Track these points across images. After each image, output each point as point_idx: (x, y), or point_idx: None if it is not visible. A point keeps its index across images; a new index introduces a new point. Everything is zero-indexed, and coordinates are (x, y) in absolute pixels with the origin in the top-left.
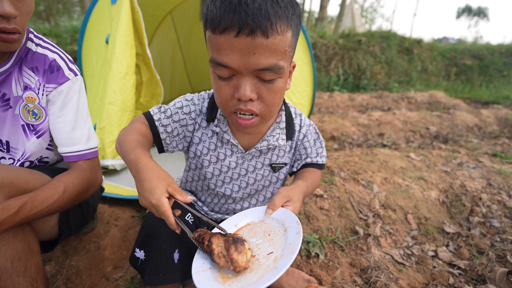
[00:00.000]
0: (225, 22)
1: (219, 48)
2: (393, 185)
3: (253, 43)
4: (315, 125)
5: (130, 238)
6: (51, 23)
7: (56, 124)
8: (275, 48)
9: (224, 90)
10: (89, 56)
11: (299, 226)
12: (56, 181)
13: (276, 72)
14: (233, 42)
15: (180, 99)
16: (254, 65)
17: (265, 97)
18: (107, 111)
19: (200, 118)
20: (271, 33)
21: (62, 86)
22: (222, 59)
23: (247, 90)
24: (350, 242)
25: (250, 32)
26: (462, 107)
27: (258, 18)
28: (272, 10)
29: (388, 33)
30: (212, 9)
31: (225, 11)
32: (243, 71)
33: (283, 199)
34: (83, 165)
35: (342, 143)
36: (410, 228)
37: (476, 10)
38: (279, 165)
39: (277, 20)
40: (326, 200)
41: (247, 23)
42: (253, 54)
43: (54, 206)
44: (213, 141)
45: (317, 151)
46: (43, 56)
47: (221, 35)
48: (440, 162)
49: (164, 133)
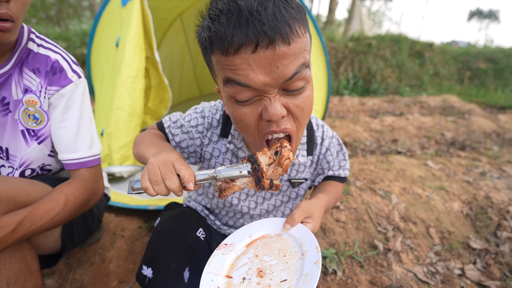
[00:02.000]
0: (239, 39)
1: (235, 70)
2: (412, 196)
3: (275, 54)
4: (338, 136)
5: (137, 250)
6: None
7: (58, 129)
8: (299, 52)
9: (248, 117)
10: (98, 60)
11: (318, 254)
12: (56, 193)
13: (303, 77)
14: (251, 59)
15: (190, 111)
16: (280, 78)
17: (294, 111)
18: (115, 116)
19: (210, 132)
20: (292, 38)
21: (65, 89)
22: (242, 80)
23: (277, 108)
24: (369, 258)
25: (270, 43)
26: (477, 112)
27: (275, 24)
28: (287, 13)
29: (399, 37)
30: (218, 28)
31: (236, 26)
32: (268, 89)
33: (303, 214)
34: (85, 174)
35: (355, 149)
36: (432, 242)
37: (487, 13)
38: (299, 180)
39: (294, 22)
40: (343, 211)
41: (264, 33)
42: (277, 68)
43: (55, 220)
44: (228, 157)
45: (340, 163)
46: (45, 57)
47: (236, 55)
48: (460, 171)
49: (173, 141)
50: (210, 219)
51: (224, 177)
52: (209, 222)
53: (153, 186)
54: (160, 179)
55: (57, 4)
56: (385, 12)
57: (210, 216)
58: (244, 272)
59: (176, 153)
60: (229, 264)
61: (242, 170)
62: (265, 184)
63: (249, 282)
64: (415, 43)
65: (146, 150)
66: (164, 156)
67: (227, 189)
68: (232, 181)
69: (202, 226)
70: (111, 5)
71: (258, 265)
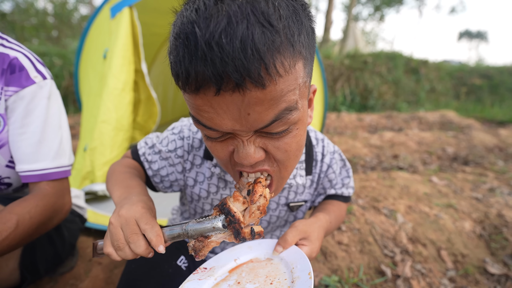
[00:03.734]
0: (195, 78)
1: (198, 110)
2: (419, 215)
3: (244, 99)
4: (341, 151)
5: (115, 279)
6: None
7: (17, 136)
8: (279, 96)
9: (219, 152)
10: (86, 73)
11: (310, 281)
12: (6, 213)
13: (286, 121)
14: (214, 102)
15: (167, 133)
16: (253, 126)
17: (275, 153)
18: (100, 130)
19: (192, 155)
20: (269, 79)
21: (26, 90)
22: (207, 123)
23: (249, 153)
24: (377, 286)
25: (236, 87)
26: (477, 127)
27: (243, 63)
28: (264, 42)
29: (394, 54)
30: (175, 57)
31: (192, 61)
32: (239, 132)
33: (298, 235)
34: (47, 188)
35: (355, 165)
36: (445, 267)
37: (476, 34)
38: (298, 203)
39: (275, 55)
40: (345, 232)
41: (226, 75)
42: (248, 115)
43: (3, 245)
44: (214, 182)
45: (343, 181)
46: (3, 55)
47: (196, 95)
48: (467, 187)
49: (150, 170)
50: None
51: (196, 234)
52: None
53: (117, 251)
54: (123, 243)
55: (58, 25)
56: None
57: None
58: None
59: (141, 205)
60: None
61: (216, 224)
62: (246, 234)
63: None
64: (410, 60)
65: (112, 191)
66: (126, 213)
67: (202, 249)
68: (207, 237)
69: (184, 253)
70: (100, 18)
71: None
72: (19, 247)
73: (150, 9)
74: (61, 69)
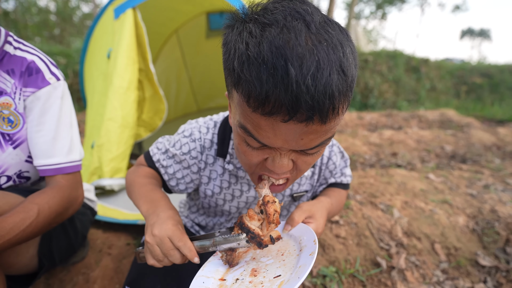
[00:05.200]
0: (273, 104)
1: (257, 127)
2: (415, 210)
3: (305, 129)
4: (339, 144)
5: (124, 269)
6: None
7: (34, 133)
8: (330, 129)
9: (252, 157)
10: (90, 72)
11: (314, 246)
12: (28, 203)
13: (324, 146)
14: (278, 127)
15: (179, 137)
16: (300, 147)
17: (301, 166)
18: (106, 127)
19: (205, 155)
20: (331, 118)
21: (42, 91)
22: (259, 138)
23: (284, 164)
24: (372, 276)
25: (305, 120)
26: (476, 125)
27: (320, 103)
28: (337, 90)
29: (395, 52)
30: (253, 79)
31: (276, 89)
32: (282, 150)
33: (303, 214)
34: (62, 181)
35: (354, 163)
36: (438, 259)
37: (478, 32)
38: (300, 194)
39: (340, 101)
40: (343, 226)
41: (302, 110)
42: (301, 139)
43: (26, 232)
44: (226, 178)
45: (342, 170)
46: (21, 59)
47: (264, 117)
48: (463, 184)
49: (166, 175)
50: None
51: (224, 249)
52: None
53: (159, 262)
54: (162, 257)
55: (61, 23)
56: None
57: (200, 233)
58: (238, 274)
59: (171, 223)
60: (225, 268)
61: (240, 241)
62: (267, 242)
63: (242, 282)
64: (410, 58)
65: (138, 204)
66: (158, 232)
67: (234, 259)
68: (234, 250)
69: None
70: (104, 19)
71: (254, 266)
72: (39, 235)
73: (149, 7)
74: (65, 68)
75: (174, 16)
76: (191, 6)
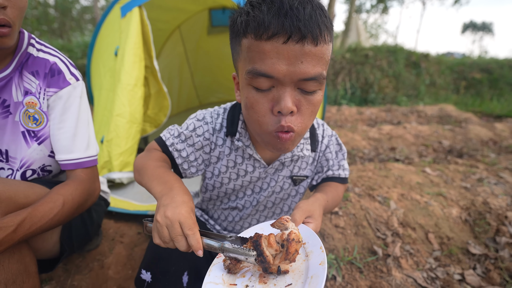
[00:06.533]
0: (275, 27)
1: (263, 57)
2: (411, 202)
3: (302, 50)
4: (337, 136)
5: (136, 256)
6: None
7: (56, 130)
8: (321, 57)
9: (261, 105)
10: (97, 69)
11: (323, 254)
12: (54, 194)
13: (320, 83)
14: (281, 49)
15: (192, 121)
16: (301, 74)
17: (304, 111)
18: (115, 123)
19: (215, 137)
20: (320, 41)
21: (63, 91)
22: (265, 69)
23: (288, 102)
24: (369, 263)
25: (300, 39)
26: (474, 120)
27: (310, 24)
28: (321, 19)
29: (395, 47)
30: (258, 14)
31: (274, 16)
32: (286, 81)
33: (304, 214)
34: (81, 175)
35: (353, 157)
36: (432, 248)
37: (480, 25)
38: (300, 177)
39: (324, 29)
40: (342, 217)
41: (298, 28)
42: (301, 63)
43: (53, 221)
44: (232, 158)
45: (339, 163)
46: (44, 60)
47: (268, 42)
48: (458, 178)
49: (179, 158)
50: (210, 224)
51: (230, 256)
52: (209, 227)
53: (164, 244)
54: (168, 240)
55: (60, 17)
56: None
57: (209, 221)
58: (247, 279)
59: (185, 209)
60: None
61: (248, 257)
62: (273, 270)
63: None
64: (411, 53)
65: (151, 186)
66: (171, 215)
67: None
68: (239, 262)
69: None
70: (111, 17)
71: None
72: (64, 223)
73: (155, 6)
74: None
75: (177, 15)
76: (196, 5)
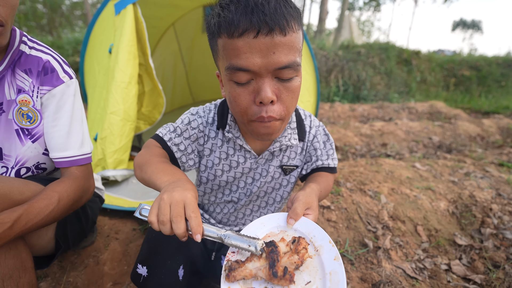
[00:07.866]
0: (244, 24)
1: (237, 53)
2: (400, 196)
3: (272, 41)
4: (324, 126)
5: (131, 252)
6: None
7: (50, 128)
8: (292, 45)
9: (243, 97)
10: (91, 66)
11: (334, 249)
12: (49, 191)
13: (294, 69)
14: (252, 43)
15: (186, 115)
16: (275, 64)
17: (284, 98)
18: (109, 120)
19: (208, 129)
20: (288, 30)
21: (56, 89)
22: (241, 63)
23: (268, 92)
24: (360, 256)
25: (269, 31)
26: (463, 117)
27: (275, 17)
28: (286, 10)
29: (387, 45)
30: (227, 14)
31: (242, 14)
32: (263, 72)
33: (304, 206)
34: (76, 172)
35: (346, 153)
36: (420, 240)
37: (470, 23)
38: (290, 167)
39: (291, 18)
40: (333, 211)
41: (265, 22)
42: (273, 53)
43: (49, 217)
44: (224, 150)
45: (328, 153)
46: (37, 58)
47: (240, 38)
48: (446, 172)
49: (178, 152)
50: (205, 217)
51: (231, 244)
52: (203, 220)
53: (159, 224)
54: (167, 220)
55: (49, 13)
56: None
57: (204, 215)
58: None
59: (192, 194)
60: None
61: (251, 245)
62: (279, 270)
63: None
64: (402, 51)
65: (156, 178)
66: (178, 195)
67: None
68: (243, 262)
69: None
70: (104, 14)
71: None
72: (59, 219)
73: (149, 3)
74: None
75: (172, 11)
76: (190, 1)
